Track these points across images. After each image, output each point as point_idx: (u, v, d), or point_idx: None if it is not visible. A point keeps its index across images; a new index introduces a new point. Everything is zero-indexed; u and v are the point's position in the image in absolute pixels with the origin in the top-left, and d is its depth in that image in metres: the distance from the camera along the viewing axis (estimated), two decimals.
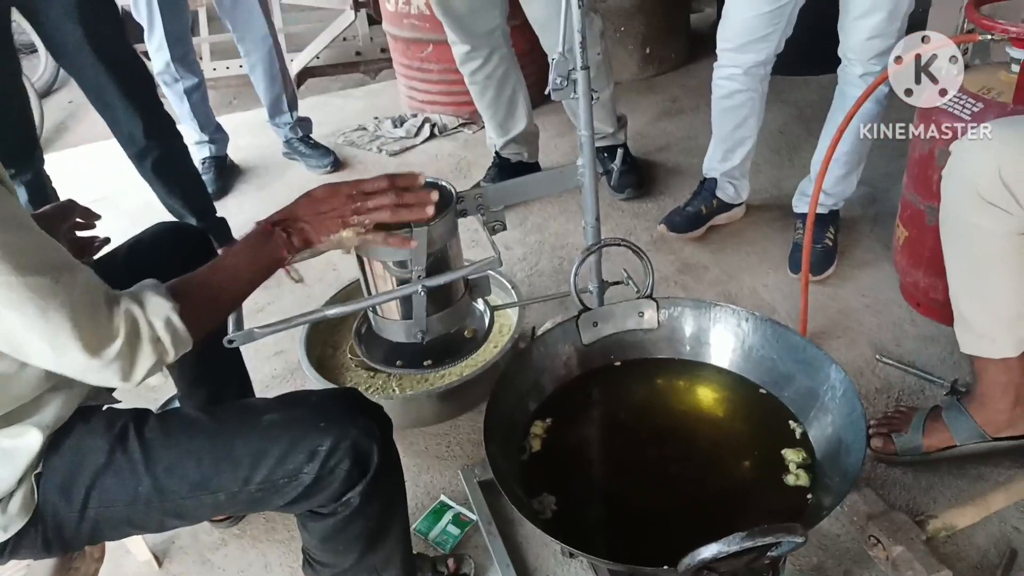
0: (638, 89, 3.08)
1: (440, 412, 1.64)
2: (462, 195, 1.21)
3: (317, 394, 1.03)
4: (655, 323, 1.26)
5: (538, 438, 1.15)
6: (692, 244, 2.12)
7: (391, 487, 1.03)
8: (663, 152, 2.61)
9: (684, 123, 2.78)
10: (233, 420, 0.94)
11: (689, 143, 2.62)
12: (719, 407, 1.19)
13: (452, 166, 2.71)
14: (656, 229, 2.13)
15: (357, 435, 0.93)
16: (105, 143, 3.18)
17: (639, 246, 1.25)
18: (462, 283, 1.22)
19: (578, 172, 1.29)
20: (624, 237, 1.28)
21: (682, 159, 2.53)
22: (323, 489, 0.93)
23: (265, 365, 1.80)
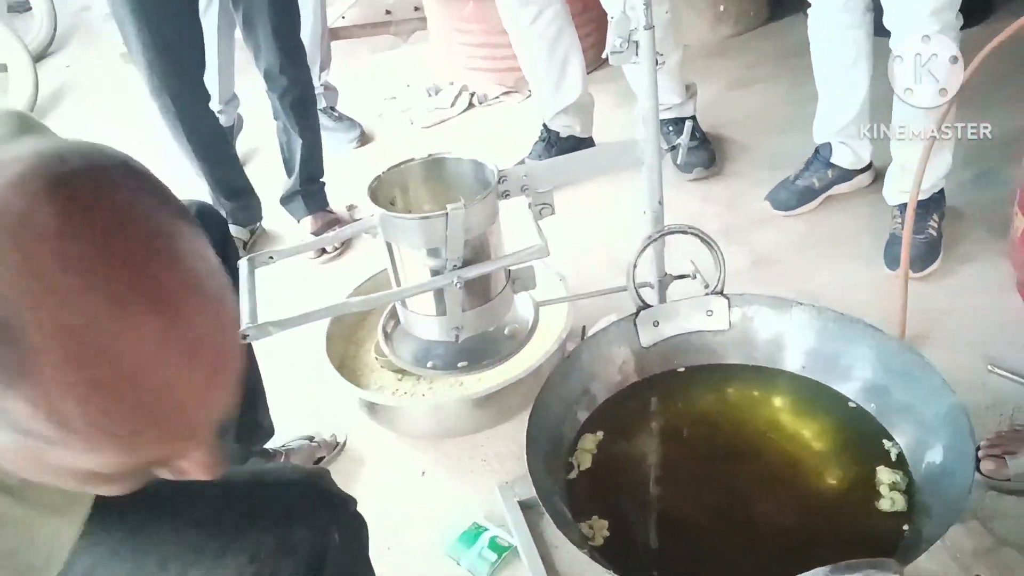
0: (709, 53, 3.04)
1: (476, 420, 1.64)
2: (504, 174, 1.21)
3: (270, 479, 0.97)
4: (726, 323, 1.26)
5: (588, 454, 1.16)
6: (771, 234, 2.09)
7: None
8: (737, 126, 2.57)
9: (762, 93, 2.74)
10: (166, 510, 0.88)
11: (768, 116, 2.58)
12: (799, 421, 1.18)
13: (494, 140, 2.71)
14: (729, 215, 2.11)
15: (306, 535, 0.88)
16: (107, 113, 3.27)
17: (708, 235, 1.24)
18: (503, 275, 1.23)
19: (639, 148, 1.29)
20: (691, 224, 1.26)
21: (760, 134, 2.50)
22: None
23: (281, 363, 1.83)
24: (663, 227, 1.30)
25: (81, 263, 0.44)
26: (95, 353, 0.44)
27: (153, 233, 0.48)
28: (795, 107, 2.48)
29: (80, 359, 0.44)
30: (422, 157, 1.24)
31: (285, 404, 1.58)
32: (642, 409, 1.23)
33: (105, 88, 3.53)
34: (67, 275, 0.44)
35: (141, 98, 2.22)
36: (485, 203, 1.14)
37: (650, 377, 1.26)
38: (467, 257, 1.13)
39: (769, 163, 2.22)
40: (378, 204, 1.16)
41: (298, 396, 1.73)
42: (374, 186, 1.19)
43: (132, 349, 0.45)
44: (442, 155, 1.25)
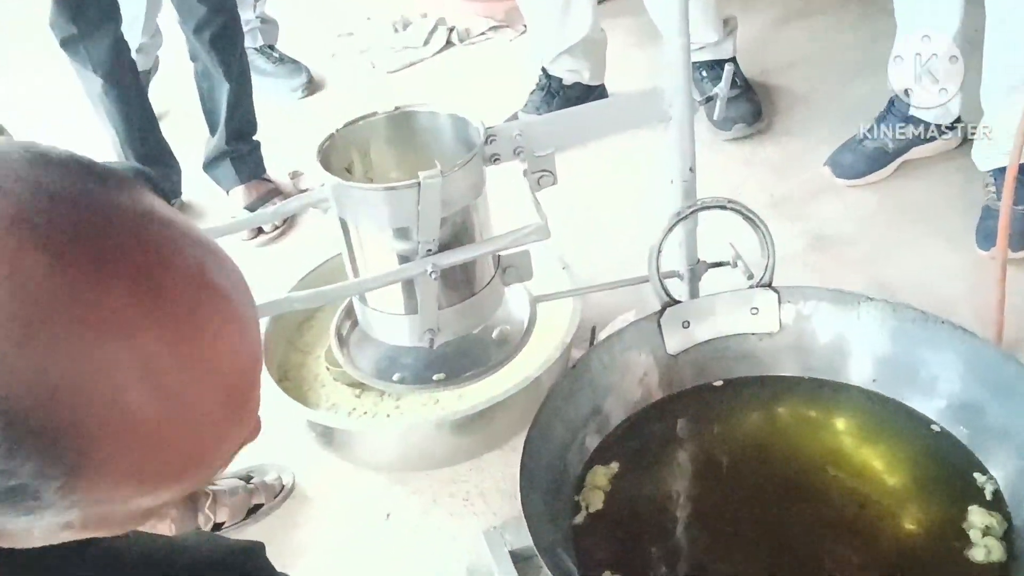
0: None
1: (457, 449, 1.64)
2: (493, 133, 1.21)
3: (184, 558, 0.97)
4: (775, 324, 1.27)
5: (599, 491, 1.16)
6: (833, 208, 2.09)
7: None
8: (790, 71, 2.57)
9: (821, 28, 2.74)
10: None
11: (829, 57, 2.58)
12: (869, 450, 1.18)
13: (478, 89, 2.70)
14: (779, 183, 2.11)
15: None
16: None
17: (752, 211, 1.24)
18: (491, 262, 1.23)
19: (664, 100, 1.28)
20: (732, 196, 1.26)
21: (818, 81, 2.50)
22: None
23: None
24: (695, 201, 1.29)
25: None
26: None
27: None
28: (864, 45, 2.48)
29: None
30: (387, 110, 1.24)
31: None
32: (668, 434, 1.23)
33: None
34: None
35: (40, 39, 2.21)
36: (468, 170, 1.14)
37: (679, 393, 1.27)
38: (444, 239, 1.13)
39: (830, 118, 2.21)
40: (331, 171, 1.16)
41: None
42: (326, 147, 1.19)
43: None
44: (412, 108, 1.25)
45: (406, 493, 1.63)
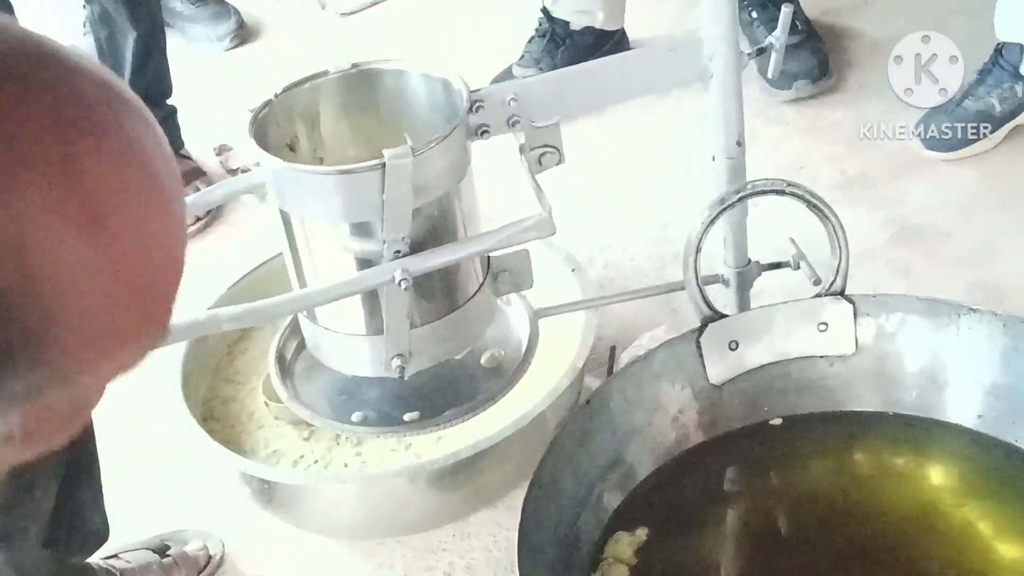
0: None
1: (436, 509, 1.64)
2: (480, 97, 1.21)
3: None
4: (851, 345, 1.28)
5: (623, 566, 1.16)
6: (923, 190, 2.10)
7: None
8: (865, 10, 2.59)
9: None
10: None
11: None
12: (975, 508, 1.19)
13: (458, 36, 2.71)
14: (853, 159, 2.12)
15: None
16: None
17: (818, 196, 1.24)
18: (479, 266, 1.23)
19: (704, 52, 1.29)
20: (792, 177, 1.26)
21: (903, 24, 2.50)
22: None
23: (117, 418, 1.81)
24: (744, 184, 1.29)
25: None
26: None
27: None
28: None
29: None
30: (341, 68, 1.24)
31: (123, 484, 1.56)
32: (712, 490, 1.24)
33: None
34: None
35: None
36: (447, 146, 1.14)
37: (725, 435, 1.27)
38: (418, 237, 1.13)
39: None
40: (268, 148, 1.16)
41: (143, 471, 1.71)
42: (262, 117, 1.19)
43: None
44: (374, 65, 1.25)
45: (370, 568, 1.63)
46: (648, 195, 2.13)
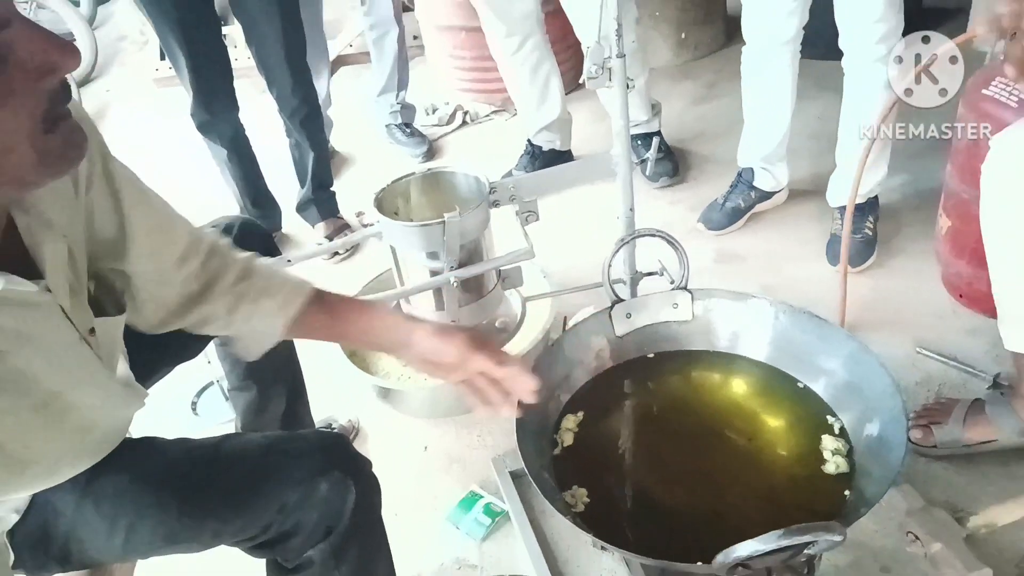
0: (673, 75, 3.03)
1: None
2: (495, 185, 1.21)
3: (298, 440, 0.97)
4: (690, 315, 1.25)
5: (570, 432, 1.15)
6: (731, 235, 2.09)
7: (366, 551, 0.98)
8: (699, 139, 2.57)
9: (721, 109, 2.73)
10: (202, 469, 0.90)
11: (726, 129, 2.57)
12: (755, 401, 1.17)
13: (484, 154, 2.70)
14: (693, 218, 2.11)
15: (328, 490, 0.88)
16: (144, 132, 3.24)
17: (673, 236, 1.24)
18: (494, 274, 1.23)
19: (612, 162, 1.28)
20: (659, 227, 1.25)
21: (719, 145, 2.49)
22: (286, 542, 0.90)
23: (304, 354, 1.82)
24: (634, 231, 1.29)
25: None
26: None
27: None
28: None
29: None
30: (421, 171, 1.24)
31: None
32: (617, 391, 1.21)
33: (141, 109, 3.50)
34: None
35: (174, 117, 2.20)
36: (478, 212, 1.14)
37: (624, 363, 1.25)
38: (462, 259, 1.13)
39: (728, 171, 2.21)
40: (383, 213, 1.16)
41: (317, 384, 1.71)
42: (380, 197, 1.19)
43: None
44: (439, 169, 1.25)
45: (437, 433, 1.63)
46: (585, 236, 2.12)
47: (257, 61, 2.09)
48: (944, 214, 1.73)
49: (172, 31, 1.92)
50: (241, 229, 1.21)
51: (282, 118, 2.17)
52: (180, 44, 1.93)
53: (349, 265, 2.22)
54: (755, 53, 1.90)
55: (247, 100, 2.51)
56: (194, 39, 1.94)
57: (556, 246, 2.07)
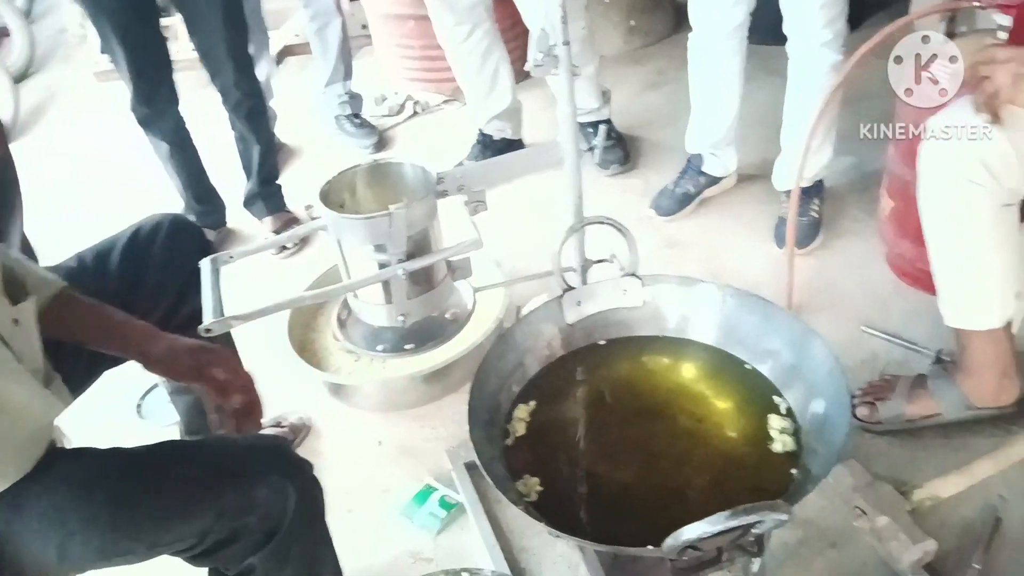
0: (623, 62, 3.04)
1: (425, 394, 1.63)
2: (442, 176, 1.20)
3: (234, 445, 0.97)
4: (639, 301, 1.25)
5: (522, 422, 1.14)
6: (680, 220, 2.11)
7: (309, 555, 0.97)
8: (650, 126, 2.59)
9: (671, 95, 2.75)
10: (134, 480, 0.87)
11: (676, 116, 2.57)
12: (704, 383, 1.18)
13: (436, 144, 2.68)
14: (644, 205, 2.13)
15: (267, 494, 0.88)
16: (85, 126, 3.15)
17: (621, 224, 1.24)
18: (443, 265, 1.21)
19: (560, 150, 1.28)
20: (609, 214, 1.25)
21: (669, 132, 2.51)
22: (226, 549, 0.89)
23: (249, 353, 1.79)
24: (583, 219, 1.29)
25: None
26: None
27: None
28: None
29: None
30: (367, 163, 1.22)
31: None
32: (569, 379, 1.21)
33: (82, 104, 3.39)
34: None
35: (116, 112, 2.15)
36: (425, 203, 1.13)
37: (575, 350, 1.24)
38: (410, 251, 1.12)
39: (679, 158, 2.23)
40: (328, 206, 1.14)
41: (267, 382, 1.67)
42: (325, 190, 1.17)
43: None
44: (385, 160, 1.23)
45: (391, 426, 1.63)
46: (535, 226, 2.13)
47: (199, 53, 2.04)
48: (887, 195, 1.77)
49: (108, 24, 1.86)
50: (172, 227, 1.18)
51: (226, 110, 2.13)
52: (117, 37, 1.88)
53: (299, 260, 2.19)
54: (701, 40, 1.91)
55: (191, 93, 2.46)
56: (131, 32, 1.88)
57: (510, 236, 2.07)
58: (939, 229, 1.28)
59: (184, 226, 1.24)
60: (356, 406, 1.67)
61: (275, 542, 0.90)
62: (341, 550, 1.09)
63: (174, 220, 1.23)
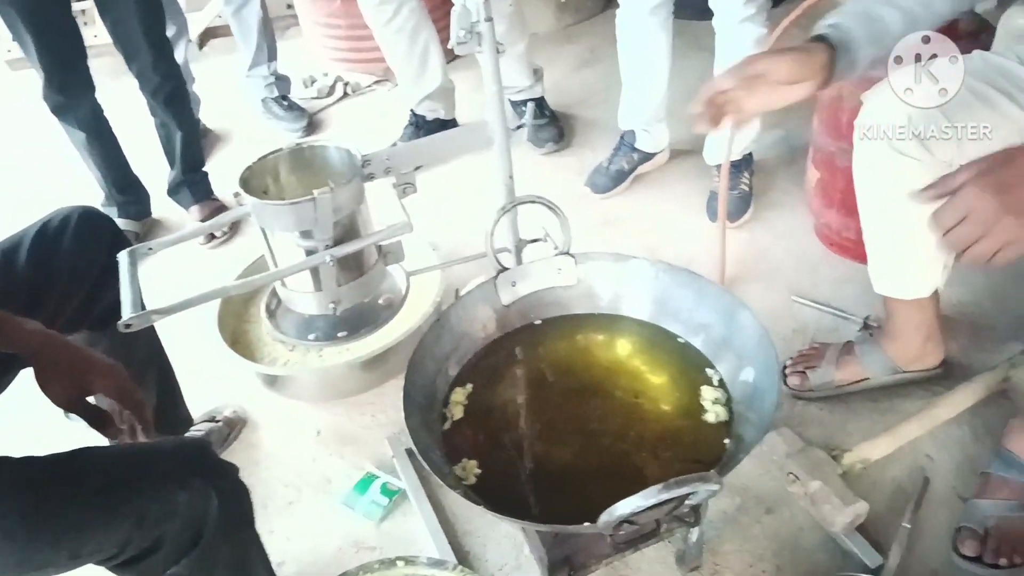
0: (555, 40, 3.03)
1: (364, 381, 1.61)
2: (368, 158, 1.17)
3: (153, 451, 0.93)
4: (573, 279, 1.25)
5: (459, 405, 1.14)
6: (614, 197, 2.12)
7: (237, 560, 0.95)
8: (583, 104, 2.59)
9: (603, 72, 2.76)
10: (49, 489, 0.84)
11: (609, 93, 2.59)
12: (639, 359, 1.18)
13: (368, 126, 2.63)
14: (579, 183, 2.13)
15: (188, 500, 0.86)
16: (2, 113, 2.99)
17: (553, 203, 1.23)
18: (374, 250, 1.19)
19: (488, 129, 1.26)
20: (545, 193, 1.24)
21: (602, 109, 2.52)
22: (149, 557, 0.87)
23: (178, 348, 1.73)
24: (514, 198, 1.28)
25: None
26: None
27: None
28: None
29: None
30: (289, 147, 1.19)
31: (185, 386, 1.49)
32: (505, 360, 1.21)
33: None
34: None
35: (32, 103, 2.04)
36: (351, 186, 1.10)
37: (511, 331, 1.24)
38: (338, 236, 1.09)
39: (612, 135, 2.24)
40: (250, 193, 1.10)
41: (199, 377, 1.63)
42: (246, 176, 1.13)
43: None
44: (309, 144, 1.19)
45: (330, 415, 1.60)
46: (468, 206, 2.12)
47: (113, 37, 1.96)
48: (813, 167, 1.81)
49: (15, 9, 1.76)
50: (81, 219, 1.13)
51: (145, 96, 2.05)
52: (26, 23, 1.78)
53: (229, 249, 2.13)
54: (628, 17, 1.92)
55: (110, 80, 2.36)
56: (41, 17, 1.79)
57: (448, 219, 2.05)
58: (872, 202, 1.31)
59: (95, 218, 1.19)
60: (293, 397, 1.64)
61: (199, 549, 0.89)
62: (283, 542, 1.07)
63: (84, 212, 1.17)
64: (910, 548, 1.25)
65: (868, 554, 1.24)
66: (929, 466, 1.39)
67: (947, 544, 1.26)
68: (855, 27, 1.03)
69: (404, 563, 1.07)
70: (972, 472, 1.35)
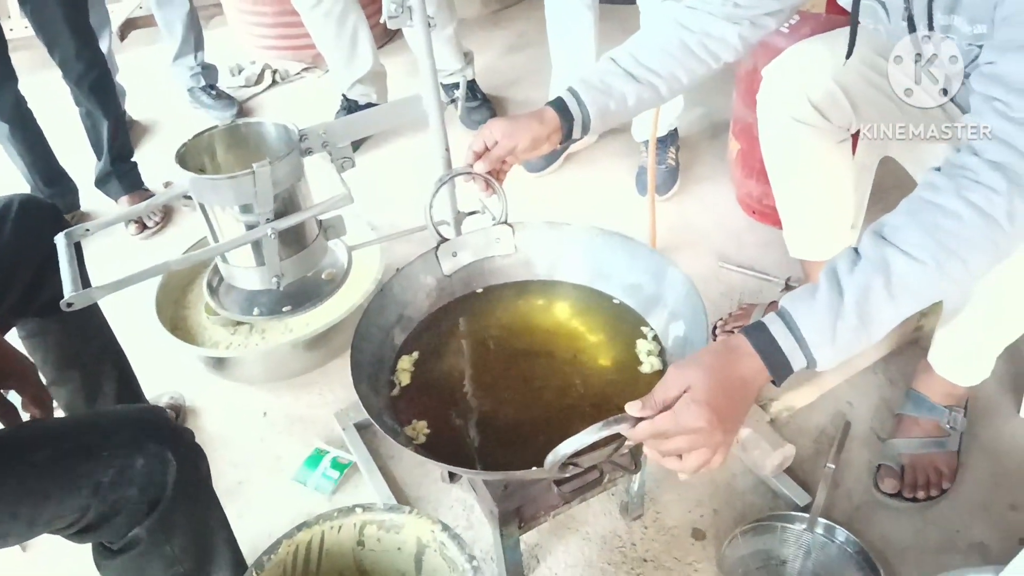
0: (484, 25, 3.06)
1: (308, 361, 1.62)
2: (305, 132, 1.18)
3: (107, 416, 0.93)
4: (512, 248, 1.29)
5: (407, 372, 1.16)
6: (550, 173, 2.17)
7: (197, 522, 0.96)
8: (514, 86, 2.63)
9: (533, 57, 2.81)
10: (10, 458, 0.83)
11: (539, 76, 2.64)
12: (577, 320, 1.23)
13: (300, 113, 2.61)
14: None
15: (144, 464, 0.86)
16: None
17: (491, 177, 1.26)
18: (315, 224, 1.20)
19: (423, 103, 1.29)
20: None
21: (534, 92, 2.56)
22: (108, 523, 0.87)
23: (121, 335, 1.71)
24: (451, 170, 1.31)
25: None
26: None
27: None
28: None
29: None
30: (225, 124, 1.19)
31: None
32: (449, 328, 1.23)
33: None
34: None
35: None
36: (289, 160, 1.11)
37: (454, 300, 1.27)
38: (278, 210, 1.10)
39: None
40: (187, 169, 1.10)
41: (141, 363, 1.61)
42: (181, 152, 1.13)
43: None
44: (245, 121, 1.20)
45: (275, 396, 1.61)
46: (406, 180, 2.13)
47: (34, 26, 1.90)
48: (734, 138, 1.89)
49: None
50: (22, 206, 1.12)
51: (69, 85, 1.99)
52: None
53: (162, 239, 2.10)
54: (556, 2, 1.96)
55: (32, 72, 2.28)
56: None
57: (385, 200, 2.07)
58: (779, 169, 1.39)
59: (36, 204, 1.17)
60: (238, 380, 1.63)
61: (158, 512, 0.89)
62: (235, 522, 1.08)
63: (25, 199, 1.15)
64: (835, 486, 1.34)
65: (797, 494, 1.32)
66: (849, 411, 1.48)
67: (869, 481, 1.34)
68: (589, 100, 1.18)
69: (362, 510, 1.10)
70: (889, 414, 1.45)
